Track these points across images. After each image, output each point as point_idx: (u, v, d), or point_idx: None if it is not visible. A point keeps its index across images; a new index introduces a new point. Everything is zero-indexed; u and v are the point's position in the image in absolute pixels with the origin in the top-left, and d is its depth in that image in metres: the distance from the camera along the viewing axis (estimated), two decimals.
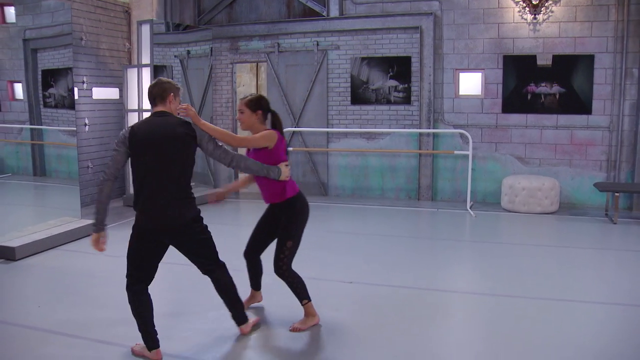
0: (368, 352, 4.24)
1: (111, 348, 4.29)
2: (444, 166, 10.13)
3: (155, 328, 4.14)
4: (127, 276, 4.18)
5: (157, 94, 4.14)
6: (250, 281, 5.09)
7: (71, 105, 9.44)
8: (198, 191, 10.03)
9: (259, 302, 5.18)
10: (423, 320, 4.84)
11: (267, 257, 4.77)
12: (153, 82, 4.24)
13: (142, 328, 4.11)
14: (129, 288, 4.15)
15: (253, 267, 5.02)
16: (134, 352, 4.21)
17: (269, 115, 4.64)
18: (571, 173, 9.61)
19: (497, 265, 6.51)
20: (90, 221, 7.68)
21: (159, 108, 4.15)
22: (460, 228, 8.43)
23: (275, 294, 5.20)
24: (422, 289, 5.61)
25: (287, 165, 4.56)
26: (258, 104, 4.55)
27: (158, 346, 4.11)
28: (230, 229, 8.37)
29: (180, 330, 4.64)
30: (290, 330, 4.60)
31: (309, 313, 4.67)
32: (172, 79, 11.73)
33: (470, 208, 9.27)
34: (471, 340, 4.55)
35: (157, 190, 4.03)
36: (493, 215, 9.06)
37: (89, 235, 7.39)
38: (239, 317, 4.51)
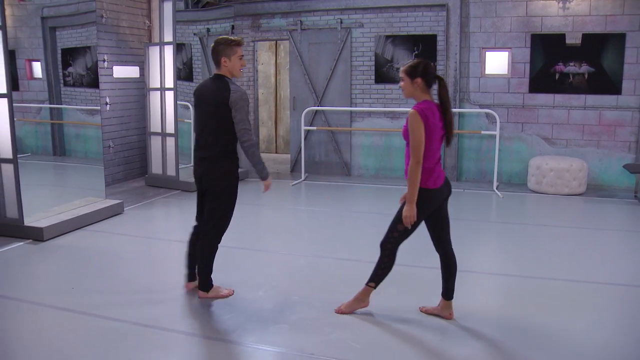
0: (404, 330, 4.17)
1: (149, 330, 4.23)
2: (469, 146, 9.98)
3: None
4: None
5: (214, 59, 4.54)
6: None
7: (89, 83, 9.36)
8: None
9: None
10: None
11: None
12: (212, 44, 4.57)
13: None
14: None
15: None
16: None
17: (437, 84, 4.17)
18: (599, 154, 9.45)
19: (525, 246, 6.43)
20: (116, 201, 7.73)
21: (216, 71, 4.57)
22: (487, 209, 8.32)
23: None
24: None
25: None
26: (415, 71, 4.08)
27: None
28: (252, 209, 8.34)
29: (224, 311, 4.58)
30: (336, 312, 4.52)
31: (364, 296, 4.50)
32: (192, 57, 11.68)
33: (496, 189, 9.15)
34: (493, 320, 4.46)
35: (197, 145, 4.62)
36: (520, 197, 8.94)
37: (116, 215, 7.52)
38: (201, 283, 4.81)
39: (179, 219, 7.98)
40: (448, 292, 4.44)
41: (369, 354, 3.90)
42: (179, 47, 10.67)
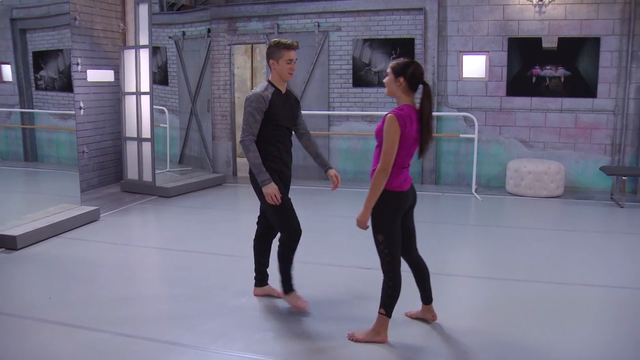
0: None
1: (131, 341, 4.12)
2: (447, 150, 10.00)
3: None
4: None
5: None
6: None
7: (62, 87, 9.18)
8: (195, 176, 9.95)
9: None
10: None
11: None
12: None
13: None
14: None
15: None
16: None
17: (422, 88, 3.96)
18: (575, 157, 9.53)
19: (505, 249, 6.44)
20: (92, 208, 7.57)
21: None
22: (466, 212, 8.33)
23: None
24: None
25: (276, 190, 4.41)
26: (401, 70, 3.92)
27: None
28: (229, 214, 8.25)
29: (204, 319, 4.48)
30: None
31: (380, 327, 4.13)
32: (167, 61, 11.52)
33: (475, 192, 9.17)
34: (473, 323, 4.45)
35: None
36: (498, 199, 8.97)
37: (91, 222, 7.35)
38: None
39: (156, 225, 7.85)
40: (426, 297, 4.38)
41: None
42: (154, 51, 10.53)
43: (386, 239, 3.97)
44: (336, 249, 6.40)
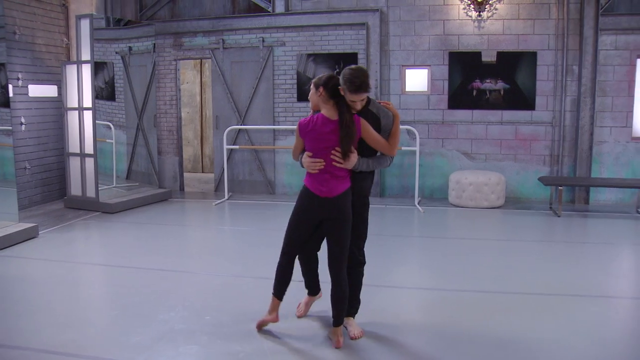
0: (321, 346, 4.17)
1: (56, 357, 4.07)
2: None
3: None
4: None
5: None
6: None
7: (4, 103, 9.03)
8: (141, 192, 9.88)
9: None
10: (370, 314, 4.79)
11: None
12: None
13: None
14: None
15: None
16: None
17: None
18: (516, 168, 9.76)
19: (446, 260, 6.53)
20: (30, 225, 7.46)
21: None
22: (408, 224, 8.42)
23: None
24: (373, 285, 5.56)
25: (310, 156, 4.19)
26: (320, 82, 4.15)
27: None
28: (174, 229, 8.21)
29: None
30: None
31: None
32: (113, 76, 11.46)
33: (418, 204, 9.30)
34: (417, 334, 4.49)
35: None
36: (441, 211, 9.11)
37: (29, 239, 7.24)
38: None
39: (96, 242, 7.75)
40: (335, 318, 4.30)
41: None
42: (101, 66, 10.45)
43: (288, 223, 4.37)
44: (275, 263, 6.40)
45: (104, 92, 11.34)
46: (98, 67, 10.15)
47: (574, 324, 4.67)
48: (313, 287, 4.77)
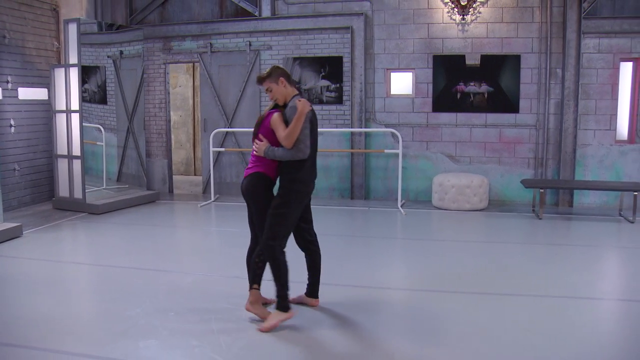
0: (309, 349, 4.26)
1: (17, 350, 4.18)
2: (376, 165, 10.20)
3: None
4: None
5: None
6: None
7: None
8: (130, 193, 10.00)
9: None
10: (352, 313, 4.88)
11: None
12: None
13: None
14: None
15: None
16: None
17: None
18: (500, 171, 9.80)
19: (424, 261, 6.57)
20: (14, 224, 7.58)
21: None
22: (388, 226, 8.44)
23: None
24: (354, 286, 5.64)
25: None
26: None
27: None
28: (157, 230, 8.30)
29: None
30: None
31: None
32: (105, 80, 11.61)
33: (401, 206, 9.35)
34: (399, 334, 4.56)
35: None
36: (423, 213, 9.16)
37: (12, 239, 7.36)
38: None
39: (77, 241, 7.86)
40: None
41: None
42: (93, 70, 10.60)
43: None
44: None
45: (97, 96, 11.49)
46: (91, 71, 10.32)
47: (538, 323, 4.74)
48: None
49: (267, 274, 4.62)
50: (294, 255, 4.82)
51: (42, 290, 5.65)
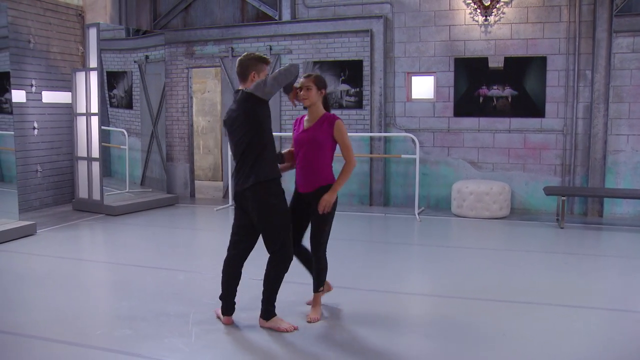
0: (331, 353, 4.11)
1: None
2: (396, 171, 9.94)
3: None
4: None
5: (239, 73, 4.43)
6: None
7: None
8: (149, 196, 10.05)
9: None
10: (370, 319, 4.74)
11: None
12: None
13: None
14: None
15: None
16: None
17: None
18: (525, 178, 9.40)
19: (424, 267, 6.43)
20: (28, 222, 7.71)
21: (240, 86, 4.46)
22: (401, 233, 8.21)
23: None
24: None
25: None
26: (324, 83, 4.62)
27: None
28: (168, 231, 8.32)
29: None
30: (308, 322, 4.58)
31: (318, 303, 4.74)
32: (131, 85, 11.76)
33: (419, 213, 9.07)
34: (417, 340, 4.40)
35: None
36: (439, 220, 8.86)
37: (26, 236, 7.48)
38: (264, 311, 4.49)
39: (89, 240, 8.02)
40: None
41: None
42: (121, 75, 10.75)
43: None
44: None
45: (124, 101, 11.65)
46: (119, 77, 10.48)
47: (554, 333, 4.47)
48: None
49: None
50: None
51: (41, 283, 5.78)
